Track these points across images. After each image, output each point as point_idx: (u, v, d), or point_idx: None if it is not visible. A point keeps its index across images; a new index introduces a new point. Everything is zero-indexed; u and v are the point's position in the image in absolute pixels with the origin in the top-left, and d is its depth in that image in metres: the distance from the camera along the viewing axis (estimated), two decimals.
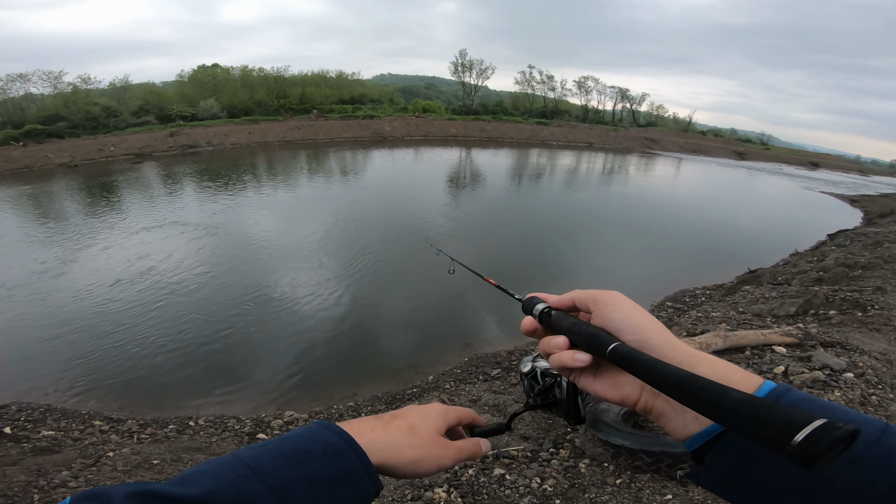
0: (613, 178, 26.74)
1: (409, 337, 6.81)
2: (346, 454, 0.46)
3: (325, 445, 0.46)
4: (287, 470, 0.42)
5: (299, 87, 40.21)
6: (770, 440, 0.32)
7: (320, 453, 0.45)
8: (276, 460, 0.43)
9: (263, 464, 0.42)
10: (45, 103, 30.22)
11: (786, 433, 0.31)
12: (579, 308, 0.57)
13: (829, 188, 29.17)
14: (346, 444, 0.47)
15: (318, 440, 0.47)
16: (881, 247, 9.95)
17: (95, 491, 0.36)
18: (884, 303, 5.58)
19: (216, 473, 0.40)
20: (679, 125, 61.07)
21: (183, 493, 0.37)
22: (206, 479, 0.39)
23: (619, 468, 2.93)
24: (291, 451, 0.44)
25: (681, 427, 0.46)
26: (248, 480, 0.40)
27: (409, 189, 17.80)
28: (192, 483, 0.38)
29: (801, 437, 0.30)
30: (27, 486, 3.10)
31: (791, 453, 0.30)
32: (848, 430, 0.30)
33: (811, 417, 0.31)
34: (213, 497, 0.37)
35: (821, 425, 0.30)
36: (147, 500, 0.35)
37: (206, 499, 0.37)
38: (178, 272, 8.66)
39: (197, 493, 0.37)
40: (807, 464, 0.30)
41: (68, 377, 5.62)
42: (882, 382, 3.51)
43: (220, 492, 0.38)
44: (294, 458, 0.43)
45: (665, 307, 7.60)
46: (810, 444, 0.29)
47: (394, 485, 3.04)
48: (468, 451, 0.63)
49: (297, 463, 0.43)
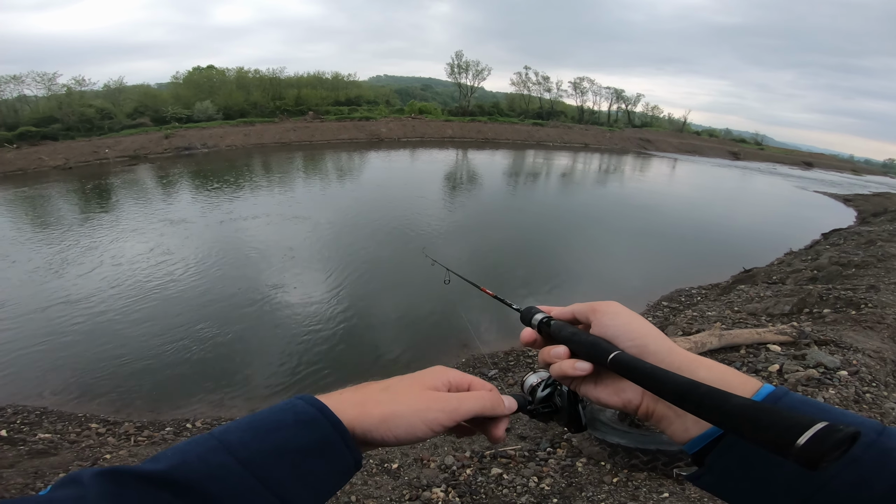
0: (609, 178, 26.84)
1: (407, 338, 6.81)
2: (318, 422, 0.44)
3: (296, 415, 0.44)
4: (256, 442, 0.41)
5: (295, 88, 40.05)
6: (773, 443, 0.33)
7: (291, 423, 0.43)
8: (245, 433, 0.41)
9: (232, 436, 0.41)
10: (38, 105, 30.00)
11: (789, 436, 0.32)
12: (579, 320, 0.58)
13: (822, 188, 29.40)
14: (319, 411, 0.45)
15: (290, 410, 0.45)
16: (874, 245, 10.04)
17: (69, 475, 0.37)
18: (877, 301, 5.63)
19: (185, 448, 0.40)
20: (674, 126, 61.33)
21: (150, 469, 0.37)
22: (174, 454, 0.39)
23: (616, 467, 2.95)
24: (261, 422, 0.43)
25: (681, 430, 0.47)
26: (214, 453, 0.39)
27: (405, 191, 17.78)
28: (161, 459, 0.39)
29: (804, 440, 0.31)
30: (24, 489, 3.09)
31: (795, 456, 0.31)
32: (849, 433, 0.31)
33: (813, 421, 0.32)
34: (179, 471, 0.37)
35: (823, 428, 0.31)
36: (114, 478, 0.36)
37: (172, 473, 0.37)
38: (174, 274, 8.63)
39: (163, 467, 0.37)
40: (811, 466, 0.31)
41: (64, 380, 5.58)
42: (876, 380, 3.55)
43: (185, 465, 0.38)
44: (263, 430, 0.42)
45: (661, 307, 7.63)
46: (814, 446, 0.30)
47: (391, 485, 3.05)
48: (476, 400, 0.52)
49: (266, 434, 0.42)
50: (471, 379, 0.56)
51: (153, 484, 0.36)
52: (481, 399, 0.53)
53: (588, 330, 0.56)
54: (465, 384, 0.55)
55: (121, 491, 0.35)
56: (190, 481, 0.37)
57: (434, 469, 3.20)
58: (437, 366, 0.57)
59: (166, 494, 0.36)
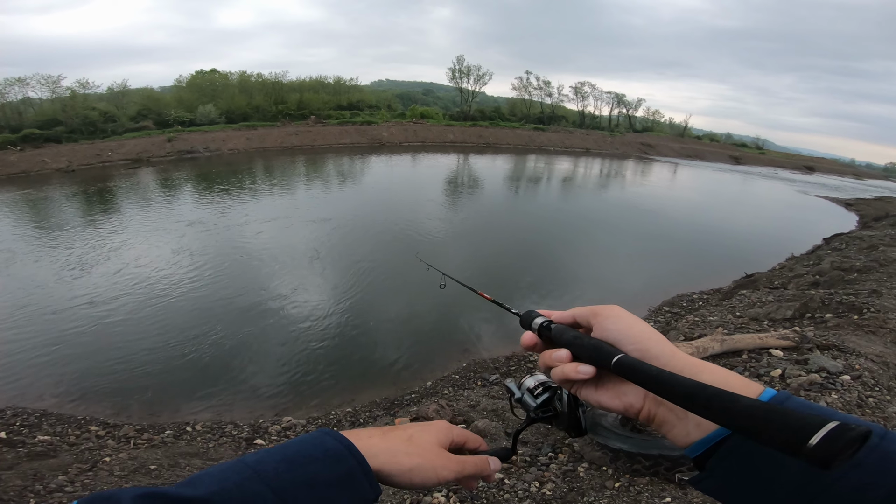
0: (611, 183, 26.86)
1: (408, 343, 6.80)
2: (346, 459, 0.48)
3: (326, 451, 0.48)
4: (289, 473, 0.44)
5: (297, 92, 40.20)
6: (785, 443, 0.33)
7: (322, 458, 0.47)
8: (279, 464, 0.44)
9: (267, 467, 0.44)
10: (42, 108, 30.15)
11: (801, 436, 0.31)
12: (581, 324, 0.58)
13: (824, 192, 29.41)
14: (347, 449, 0.49)
15: (320, 446, 0.48)
16: (876, 250, 10.01)
17: (104, 493, 0.37)
18: (879, 305, 5.61)
19: (221, 476, 0.41)
20: (675, 130, 61.41)
21: (190, 495, 0.38)
22: (212, 481, 0.40)
23: (618, 472, 2.93)
24: (294, 455, 0.46)
25: (683, 434, 0.47)
26: (251, 483, 0.41)
27: (406, 196, 17.83)
28: (199, 485, 0.40)
29: (816, 440, 0.31)
30: (23, 491, 3.08)
31: (807, 455, 0.31)
32: (861, 432, 0.31)
33: (825, 420, 0.31)
34: (219, 497, 0.39)
35: (835, 427, 0.31)
36: (155, 502, 0.36)
37: (212, 500, 0.38)
38: (175, 278, 8.64)
39: (203, 493, 0.39)
40: (824, 465, 0.30)
41: (64, 382, 5.58)
42: (878, 385, 3.53)
43: (224, 493, 0.39)
44: (296, 463, 0.45)
45: (663, 312, 7.61)
46: (827, 446, 0.30)
47: (393, 490, 3.03)
48: (473, 465, 0.61)
49: (299, 467, 0.45)
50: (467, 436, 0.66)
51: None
52: (481, 465, 0.62)
53: (589, 334, 0.55)
54: (461, 441, 0.64)
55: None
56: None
57: None
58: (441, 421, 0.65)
59: None
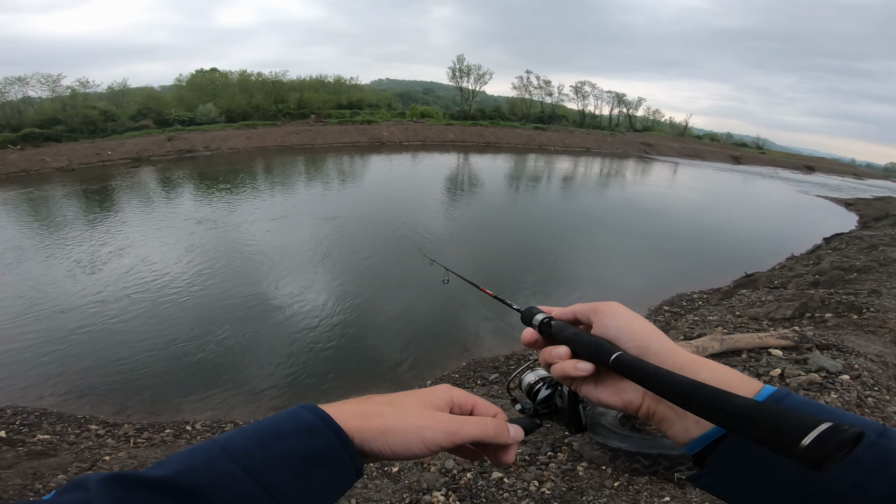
0: (611, 182, 26.86)
1: (408, 341, 6.80)
2: (321, 431, 0.45)
3: (300, 424, 0.44)
4: (259, 449, 0.41)
5: (297, 91, 40.21)
6: (777, 444, 0.33)
7: (294, 431, 0.44)
8: (249, 440, 0.42)
9: (236, 444, 0.42)
10: (43, 107, 30.16)
11: (793, 437, 0.31)
12: (581, 321, 0.58)
13: (824, 192, 29.39)
14: (322, 420, 0.45)
15: (294, 419, 0.45)
16: (876, 250, 10.01)
17: (75, 480, 0.37)
18: (879, 305, 5.62)
19: (190, 455, 0.40)
20: (675, 130, 61.39)
21: (156, 475, 0.37)
22: (180, 460, 0.39)
23: (617, 471, 2.93)
24: (265, 430, 0.44)
25: (682, 431, 0.47)
26: (219, 460, 0.40)
27: (406, 194, 17.84)
28: (166, 465, 0.39)
29: (808, 441, 0.31)
30: (23, 490, 3.09)
31: (799, 456, 0.31)
32: (854, 433, 0.31)
33: (817, 421, 0.31)
34: (184, 476, 0.38)
35: (827, 428, 0.31)
36: (120, 483, 0.36)
37: (177, 478, 0.37)
38: (174, 277, 8.64)
39: (169, 473, 0.38)
40: (816, 466, 0.31)
41: (64, 381, 5.59)
42: (878, 384, 3.53)
43: (191, 471, 0.38)
44: (267, 438, 0.43)
45: (662, 311, 7.61)
46: (818, 446, 0.30)
47: (392, 489, 3.03)
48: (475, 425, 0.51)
49: (269, 441, 0.42)
50: (475, 400, 0.55)
51: (158, 490, 0.37)
52: (483, 425, 0.51)
53: (589, 331, 0.55)
54: (468, 405, 0.55)
55: (126, 496, 0.35)
56: (194, 487, 0.37)
57: (434, 473, 3.18)
58: (442, 384, 0.56)
59: (171, 500, 0.36)
